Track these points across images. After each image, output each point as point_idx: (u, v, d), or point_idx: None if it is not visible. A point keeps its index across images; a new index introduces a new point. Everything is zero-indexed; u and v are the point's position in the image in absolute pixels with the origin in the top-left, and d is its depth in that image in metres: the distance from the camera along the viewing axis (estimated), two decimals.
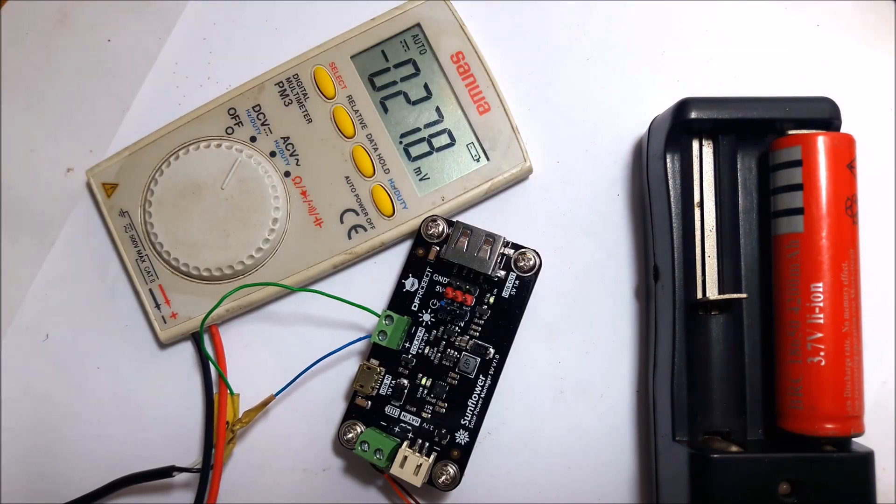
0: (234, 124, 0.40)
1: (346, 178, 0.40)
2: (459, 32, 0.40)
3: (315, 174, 0.40)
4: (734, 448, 0.35)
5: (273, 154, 0.40)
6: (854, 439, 0.35)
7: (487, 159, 0.40)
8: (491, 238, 0.37)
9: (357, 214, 0.39)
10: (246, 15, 0.42)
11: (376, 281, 0.40)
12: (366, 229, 0.40)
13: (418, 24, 0.40)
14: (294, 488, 0.40)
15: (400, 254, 0.41)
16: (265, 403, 0.39)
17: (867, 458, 0.33)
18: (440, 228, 0.38)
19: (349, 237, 0.40)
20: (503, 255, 0.38)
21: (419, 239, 0.39)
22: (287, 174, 0.40)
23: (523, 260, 0.38)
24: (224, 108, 0.40)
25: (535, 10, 0.42)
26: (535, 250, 0.38)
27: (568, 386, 0.40)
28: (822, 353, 0.34)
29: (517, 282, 0.38)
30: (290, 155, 0.40)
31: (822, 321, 0.34)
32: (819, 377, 0.34)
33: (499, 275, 0.38)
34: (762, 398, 0.37)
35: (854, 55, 0.41)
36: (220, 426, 0.37)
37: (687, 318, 0.37)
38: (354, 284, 0.41)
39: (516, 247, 0.38)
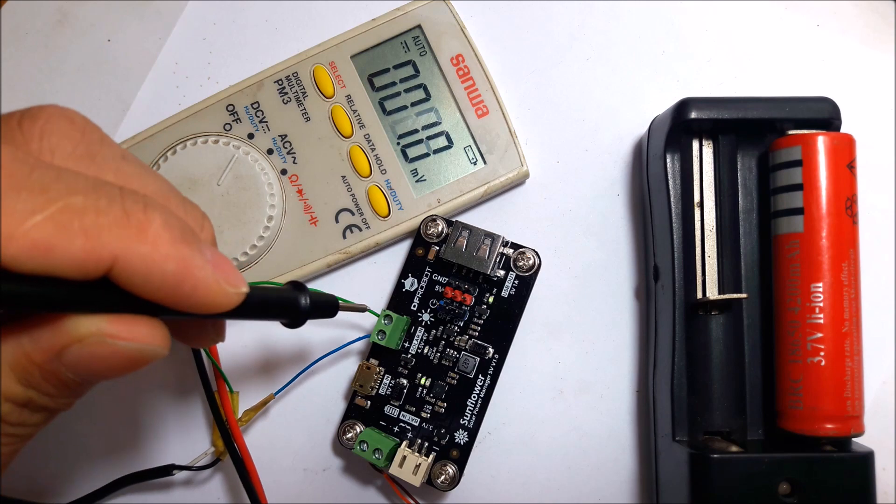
0: (233, 121, 0.40)
1: (343, 177, 0.40)
2: (460, 35, 0.40)
3: (312, 173, 0.40)
4: (734, 448, 0.35)
5: (270, 152, 0.40)
6: (854, 439, 0.35)
7: (484, 163, 0.40)
8: (490, 237, 0.37)
9: (352, 214, 0.39)
10: (246, 15, 0.42)
11: (376, 280, 0.40)
12: (360, 229, 0.40)
13: (419, 26, 0.40)
14: (294, 488, 0.40)
15: (399, 253, 0.41)
16: (264, 403, 0.39)
17: (867, 458, 0.33)
18: (440, 228, 0.38)
19: (344, 237, 0.40)
20: (502, 254, 0.38)
21: (419, 238, 0.39)
22: (284, 172, 0.40)
23: (522, 259, 0.38)
24: (222, 104, 0.40)
25: (535, 11, 0.42)
26: (534, 250, 0.38)
27: (568, 386, 0.40)
28: (822, 353, 0.34)
29: (517, 281, 0.38)
30: (288, 153, 0.40)
31: (822, 321, 0.34)
32: (819, 377, 0.34)
33: (498, 274, 0.38)
34: (762, 398, 0.37)
35: (854, 55, 0.41)
36: (229, 418, 0.37)
37: (687, 318, 0.37)
38: (354, 284, 0.41)
39: (516, 246, 0.38)
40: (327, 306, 0.32)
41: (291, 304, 0.30)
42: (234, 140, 0.39)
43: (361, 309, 0.37)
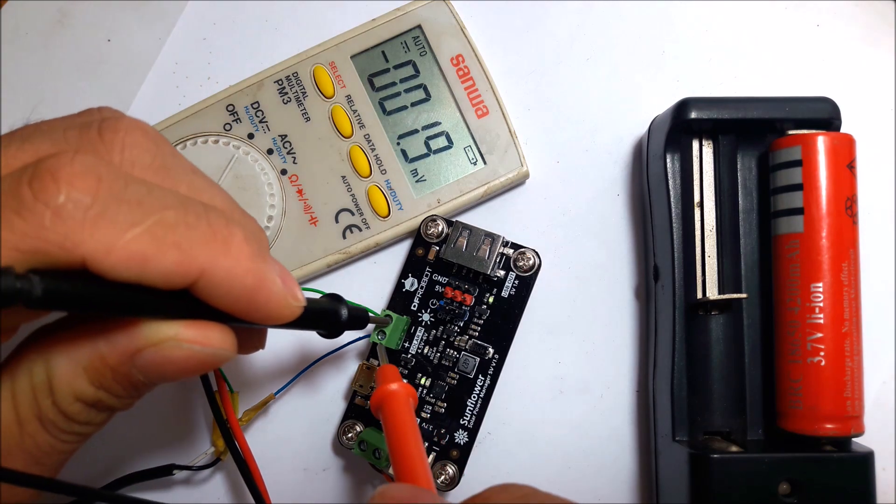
0: (233, 121, 0.40)
1: (343, 177, 0.40)
2: (460, 35, 0.40)
3: (312, 173, 0.40)
4: (734, 448, 0.35)
5: (270, 152, 0.40)
6: (854, 439, 0.35)
7: (485, 163, 0.40)
8: (490, 238, 0.37)
9: (352, 214, 0.39)
10: (246, 15, 0.42)
11: (376, 280, 0.40)
12: (360, 229, 0.40)
13: (419, 26, 0.40)
14: (294, 488, 0.40)
15: (399, 253, 0.41)
16: (264, 403, 0.39)
17: (867, 458, 0.33)
18: (440, 228, 0.38)
19: (344, 237, 0.40)
20: (502, 254, 0.38)
21: (419, 239, 0.39)
22: (284, 172, 0.40)
23: (523, 260, 0.38)
24: (223, 104, 0.40)
25: (535, 11, 0.42)
26: (534, 250, 0.38)
27: (568, 386, 0.40)
28: (822, 353, 0.34)
29: (517, 282, 0.38)
30: (288, 153, 0.40)
31: (822, 321, 0.34)
32: (819, 377, 0.34)
33: (498, 274, 0.38)
34: (762, 398, 0.37)
35: (854, 55, 0.41)
36: (230, 417, 0.37)
37: (687, 318, 0.37)
38: (354, 284, 0.41)
39: (516, 246, 0.38)
40: (361, 319, 0.34)
41: (334, 315, 0.31)
42: (234, 140, 0.39)
43: (385, 322, 0.37)
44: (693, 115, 0.35)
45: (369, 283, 0.41)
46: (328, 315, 0.31)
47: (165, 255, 0.22)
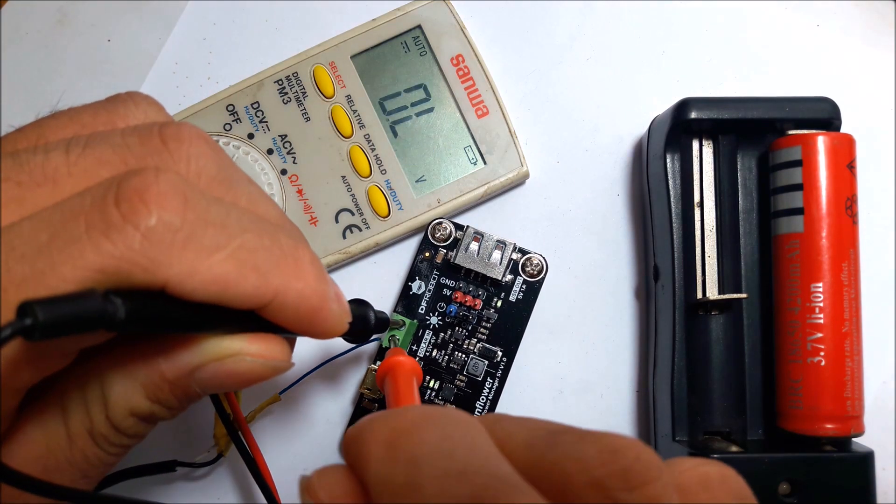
0: (233, 121, 0.40)
1: (343, 177, 0.40)
2: (460, 35, 0.40)
3: (312, 173, 0.40)
4: (734, 448, 0.35)
5: (270, 152, 0.40)
6: (854, 439, 0.35)
7: (484, 163, 0.40)
8: (502, 244, 0.38)
9: (352, 214, 0.39)
10: (246, 15, 0.42)
11: (376, 281, 0.40)
12: (360, 230, 0.39)
13: (419, 26, 0.40)
14: (294, 488, 0.40)
15: (399, 254, 0.41)
16: (269, 403, 0.39)
17: (867, 458, 0.33)
18: (447, 231, 0.38)
19: (344, 237, 0.40)
20: (510, 259, 0.38)
21: (426, 241, 0.39)
22: (284, 172, 0.40)
23: (530, 265, 0.38)
24: (222, 104, 0.40)
25: (535, 11, 0.42)
26: (541, 255, 0.38)
27: (568, 386, 0.40)
28: (822, 353, 0.34)
29: (524, 286, 0.38)
30: (288, 153, 0.40)
31: (822, 321, 0.34)
32: (819, 377, 0.34)
33: (507, 279, 0.38)
34: (762, 398, 0.37)
35: (854, 55, 0.41)
36: (238, 414, 0.37)
37: (687, 318, 0.37)
38: (354, 284, 0.41)
39: (523, 251, 0.38)
40: (385, 323, 0.35)
41: (364, 322, 0.32)
42: (234, 140, 0.39)
43: (400, 324, 0.38)
44: (693, 115, 0.35)
45: (369, 284, 0.40)
46: (360, 322, 0.32)
47: (247, 279, 0.22)
